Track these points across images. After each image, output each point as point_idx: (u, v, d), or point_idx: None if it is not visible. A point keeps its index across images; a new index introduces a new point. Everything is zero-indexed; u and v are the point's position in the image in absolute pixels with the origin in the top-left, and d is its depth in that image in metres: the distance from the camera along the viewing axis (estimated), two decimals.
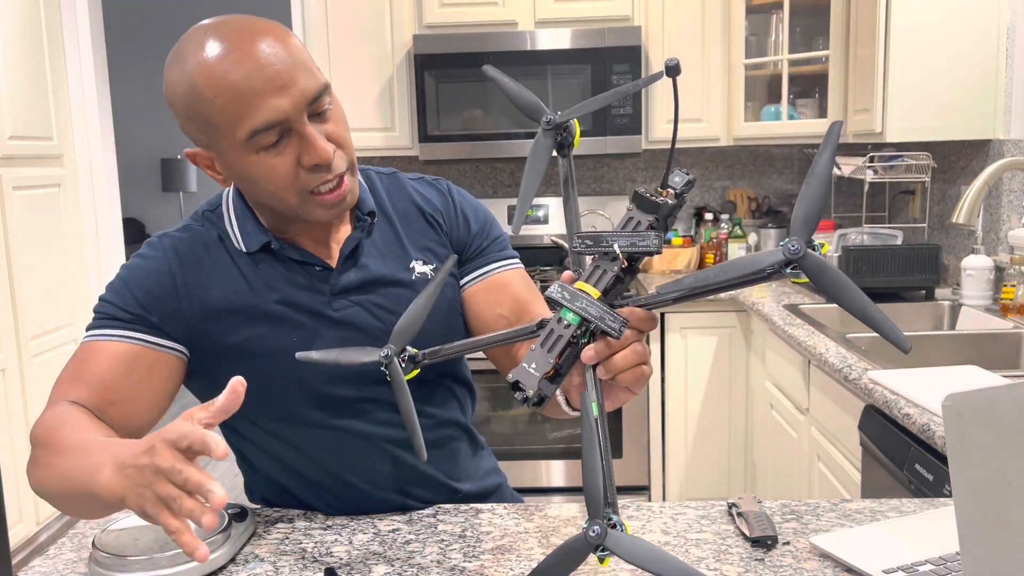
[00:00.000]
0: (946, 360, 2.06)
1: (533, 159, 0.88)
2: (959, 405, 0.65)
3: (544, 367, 0.82)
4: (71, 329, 3.35)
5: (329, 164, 1.01)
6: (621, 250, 0.83)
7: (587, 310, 0.82)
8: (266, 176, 1.01)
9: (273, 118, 0.96)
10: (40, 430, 0.99)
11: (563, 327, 0.83)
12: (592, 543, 0.74)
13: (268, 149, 0.99)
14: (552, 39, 3.09)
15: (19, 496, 2.97)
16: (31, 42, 3.16)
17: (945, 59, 2.50)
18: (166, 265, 1.10)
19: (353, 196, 1.07)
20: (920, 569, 0.89)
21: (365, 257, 1.13)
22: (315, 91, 0.99)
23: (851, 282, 0.75)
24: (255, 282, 1.10)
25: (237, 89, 0.95)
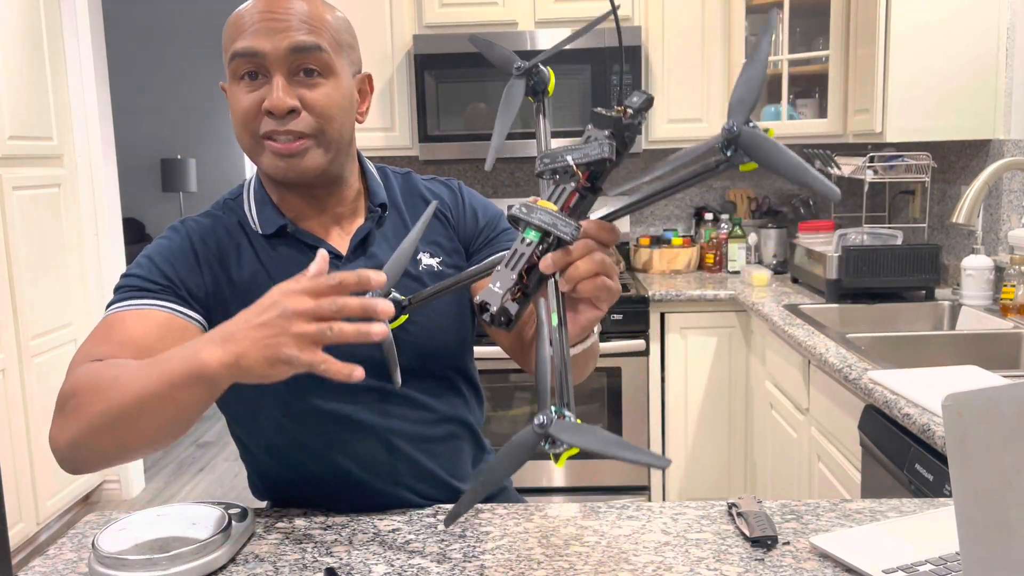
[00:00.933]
0: (946, 360, 2.06)
1: (505, 100, 0.92)
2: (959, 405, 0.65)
3: (507, 283, 0.82)
4: (71, 329, 3.35)
5: (282, 115, 1.05)
6: (574, 161, 0.84)
7: (541, 219, 0.82)
8: (235, 106, 1.08)
9: (250, 47, 1.04)
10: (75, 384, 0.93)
11: (525, 245, 0.83)
12: (538, 433, 0.73)
13: (244, 80, 1.06)
14: (552, 39, 3.09)
15: (19, 496, 2.97)
16: (31, 42, 3.16)
17: (945, 59, 2.50)
18: (188, 243, 1.13)
19: (310, 163, 1.09)
20: (920, 569, 0.89)
21: (375, 247, 1.17)
22: (300, 43, 1.04)
23: (786, 149, 0.75)
24: (270, 265, 1.13)
25: (240, 20, 1.07)
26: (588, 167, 0.84)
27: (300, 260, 1.13)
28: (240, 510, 1.06)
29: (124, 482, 3.66)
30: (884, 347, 2.11)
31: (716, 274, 3.36)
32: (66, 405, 0.94)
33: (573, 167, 0.84)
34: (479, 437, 1.28)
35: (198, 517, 1.01)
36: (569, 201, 0.84)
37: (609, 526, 1.07)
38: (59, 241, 3.28)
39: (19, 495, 2.97)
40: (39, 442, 3.09)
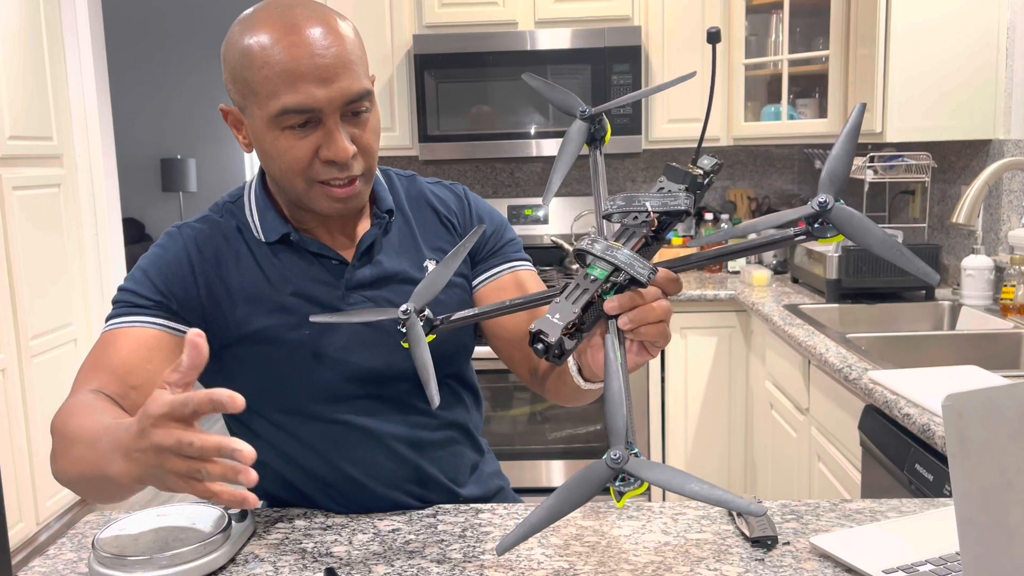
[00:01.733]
0: (946, 360, 2.06)
1: (566, 142, 0.93)
2: (959, 405, 0.65)
3: (568, 316, 0.81)
4: (71, 329, 3.35)
5: (346, 164, 1.04)
6: (652, 209, 0.84)
7: (616, 256, 0.82)
8: (283, 155, 1.04)
9: (305, 103, 1.00)
10: (57, 421, 0.99)
11: (588, 281, 0.83)
12: (612, 468, 0.72)
13: (293, 130, 1.03)
14: (552, 39, 3.09)
15: (19, 496, 2.97)
16: (31, 42, 3.16)
17: (945, 59, 2.50)
18: (184, 253, 1.12)
19: (360, 200, 1.09)
20: (920, 569, 0.89)
21: (380, 254, 1.16)
22: (355, 93, 1.03)
23: (876, 226, 0.77)
24: (272, 273, 1.12)
25: (284, 67, 1.00)
26: (663, 217, 0.85)
27: (303, 268, 1.13)
28: (240, 510, 1.06)
29: None
30: (884, 347, 2.11)
31: (716, 274, 3.36)
32: (53, 439, 0.99)
33: (650, 214, 0.84)
34: (477, 441, 1.28)
35: (198, 517, 1.01)
36: (636, 246, 0.84)
37: (609, 526, 1.07)
38: (59, 241, 3.28)
39: (19, 495, 2.97)
40: (39, 442, 3.09)
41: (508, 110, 3.12)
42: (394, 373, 1.14)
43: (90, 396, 1.01)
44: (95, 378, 1.04)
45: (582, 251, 0.84)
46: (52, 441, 1.00)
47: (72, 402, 1.01)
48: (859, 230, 0.77)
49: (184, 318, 1.09)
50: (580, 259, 0.85)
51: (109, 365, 1.05)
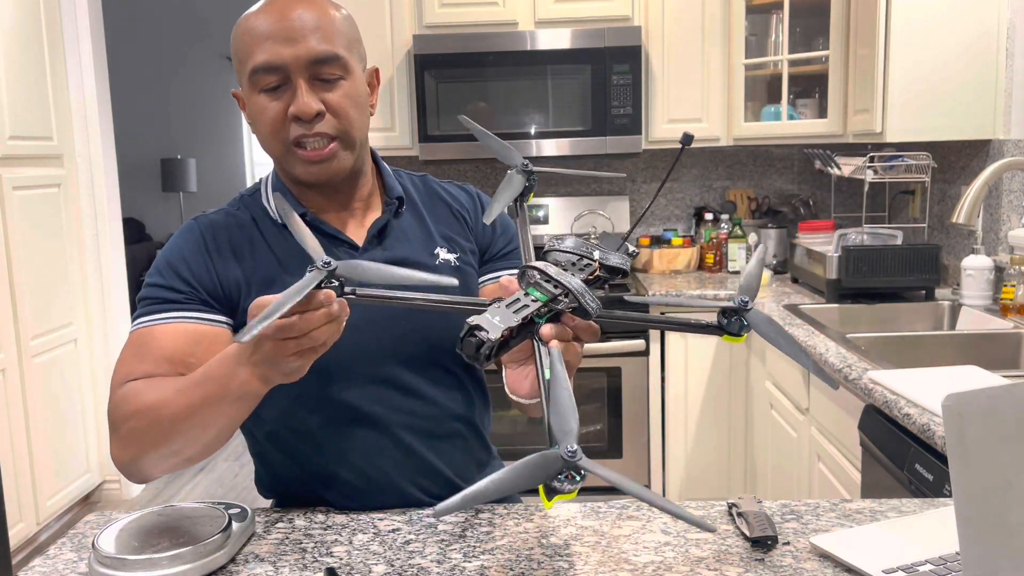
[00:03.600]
0: (946, 360, 2.06)
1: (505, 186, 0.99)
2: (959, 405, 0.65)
3: (508, 322, 0.84)
4: (71, 329, 3.35)
5: (309, 119, 1.08)
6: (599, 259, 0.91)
7: (573, 284, 0.86)
8: (260, 117, 1.10)
9: (271, 61, 1.07)
10: (123, 407, 1.03)
11: (530, 300, 0.86)
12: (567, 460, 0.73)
13: (268, 92, 1.09)
14: (552, 39, 3.09)
15: (19, 496, 2.97)
16: (31, 42, 3.16)
17: (945, 59, 2.50)
18: (200, 241, 1.16)
19: (339, 165, 1.13)
20: (920, 569, 0.89)
21: (391, 239, 1.19)
22: (320, 54, 1.07)
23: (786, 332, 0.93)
24: (284, 257, 1.15)
25: (255, 32, 1.08)
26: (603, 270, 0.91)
27: None
28: (240, 510, 1.06)
29: (124, 482, 3.66)
30: (884, 347, 2.11)
31: (716, 274, 3.36)
32: (121, 428, 1.04)
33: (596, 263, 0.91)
34: (486, 442, 1.29)
35: (198, 517, 1.01)
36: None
37: (609, 526, 1.07)
38: (59, 241, 3.28)
39: (19, 495, 2.97)
40: (39, 442, 3.09)
41: (508, 110, 3.12)
42: (402, 357, 1.15)
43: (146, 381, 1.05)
44: (140, 368, 1.07)
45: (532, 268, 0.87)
46: (118, 429, 1.04)
47: (132, 387, 1.04)
48: (772, 330, 0.91)
49: (212, 305, 1.13)
50: (521, 276, 0.88)
51: (153, 357, 1.07)
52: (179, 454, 1.02)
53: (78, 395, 3.40)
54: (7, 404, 2.92)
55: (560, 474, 0.73)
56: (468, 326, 0.83)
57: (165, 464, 1.03)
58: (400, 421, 1.16)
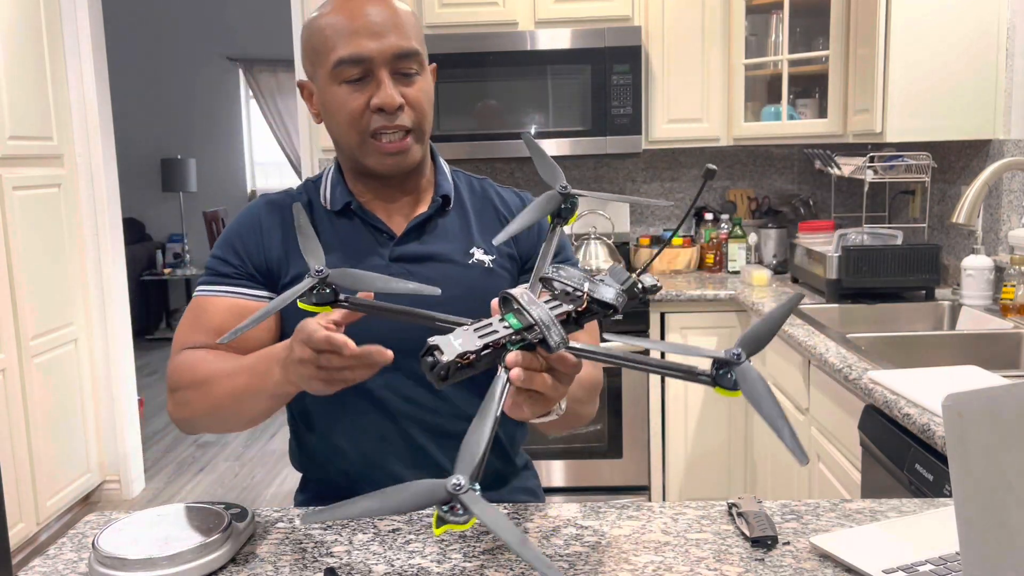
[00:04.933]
0: (946, 360, 2.06)
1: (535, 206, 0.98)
2: (959, 405, 0.65)
3: (468, 346, 0.83)
4: (71, 329, 3.35)
5: (393, 111, 1.14)
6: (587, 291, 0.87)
7: (541, 316, 0.84)
8: (340, 108, 1.16)
9: (357, 53, 1.13)
10: (180, 375, 1.15)
11: (503, 326, 0.85)
12: (449, 493, 0.73)
13: (349, 84, 1.15)
14: (552, 39, 3.09)
15: (19, 496, 2.97)
16: (31, 42, 3.16)
17: (945, 59, 2.50)
18: (257, 218, 1.24)
19: (412, 158, 1.19)
20: (920, 569, 0.89)
21: (429, 235, 1.24)
22: (404, 49, 1.14)
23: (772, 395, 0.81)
24: (328, 239, 1.21)
25: (340, 25, 1.14)
26: (592, 303, 0.87)
27: (357, 238, 1.22)
28: (240, 510, 1.06)
29: (124, 482, 3.66)
30: (884, 347, 2.11)
31: (716, 274, 3.36)
32: (176, 393, 1.16)
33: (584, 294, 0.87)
34: (506, 451, 1.29)
35: (198, 517, 1.02)
36: (559, 316, 0.87)
37: (609, 526, 1.07)
38: (59, 241, 3.28)
39: (19, 495, 2.97)
40: (39, 442, 3.09)
41: (508, 110, 3.12)
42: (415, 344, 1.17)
43: (202, 351, 1.17)
44: (195, 338, 1.19)
45: (508, 296, 0.86)
46: (175, 393, 1.16)
47: (186, 357, 1.16)
48: (755, 391, 0.82)
49: (260, 281, 1.20)
50: (504, 303, 0.87)
51: (205, 328, 1.18)
52: (223, 425, 1.15)
53: (78, 395, 3.40)
54: (7, 404, 2.92)
55: (445, 505, 0.73)
56: (428, 345, 0.84)
57: (211, 429, 1.17)
58: (407, 411, 1.19)
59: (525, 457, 1.37)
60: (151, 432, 4.55)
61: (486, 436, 0.78)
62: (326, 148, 3.26)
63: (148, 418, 4.75)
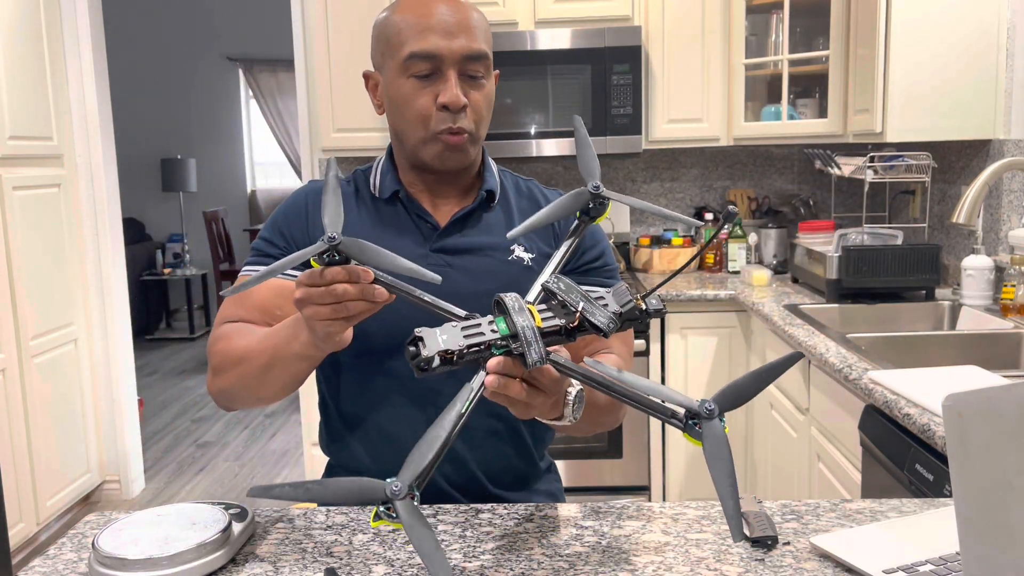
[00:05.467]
0: (946, 360, 2.06)
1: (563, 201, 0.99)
2: (959, 405, 0.65)
3: (451, 344, 0.84)
4: (71, 329, 3.35)
5: (457, 110, 1.17)
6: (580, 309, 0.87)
7: (524, 328, 0.85)
8: (407, 101, 1.19)
9: (429, 50, 1.16)
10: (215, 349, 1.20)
11: (490, 330, 0.86)
12: (387, 495, 0.76)
13: (418, 78, 1.18)
14: (552, 39, 3.09)
15: (19, 496, 2.97)
16: (31, 42, 3.16)
17: (945, 59, 2.50)
18: (304, 204, 1.28)
19: (467, 157, 1.22)
20: (920, 569, 0.89)
21: (472, 228, 1.26)
22: (473, 50, 1.17)
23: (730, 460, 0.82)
24: (370, 227, 1.25)
25: (415, 21, 1.17)
26: (584, 321, 0.88)
27: (400, 225, 1.25)
28: (240, 510, 1.06)
29: (124, 482, 3.66)
30: (884, 347, 2.11)
31: (716, 274, 3.36)
32: (213, 364, 1.21)
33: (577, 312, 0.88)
34: (530, 451, 1.30)
35: (198, 517, 1.01)
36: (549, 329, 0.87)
37: (609, 526, 1.07)
38: (59, 241, 3.28)
39: (19, 495, 2.97)
40: (39, 442, 3.09)
41: (509, 110, 3.12)
42: None
43: (240, 325, 1.21)
44: (238, 313, 1.23)
45: (500, 302, 0.87)
46: (213, 363, 1.20)
47: (227, 329, 1.21)
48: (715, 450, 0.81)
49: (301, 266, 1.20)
50: (497, 306, 0.88)
51: (247, 305, 1.23)
52: (255, 395, 1.16)
53: (78, 395, 3.40)
54: (7, 404, 2.92)
55: (382, 504, 0.76)
56: (414, 334, 0.85)
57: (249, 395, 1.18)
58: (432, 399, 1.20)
59: (549, 460, 1.37)
60: (151, 432, 4.55)
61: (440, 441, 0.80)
62: (326, 148, 3.26)
63: (148, 418, 4.75)
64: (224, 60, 7.16)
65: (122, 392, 3.60)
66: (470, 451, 1.23)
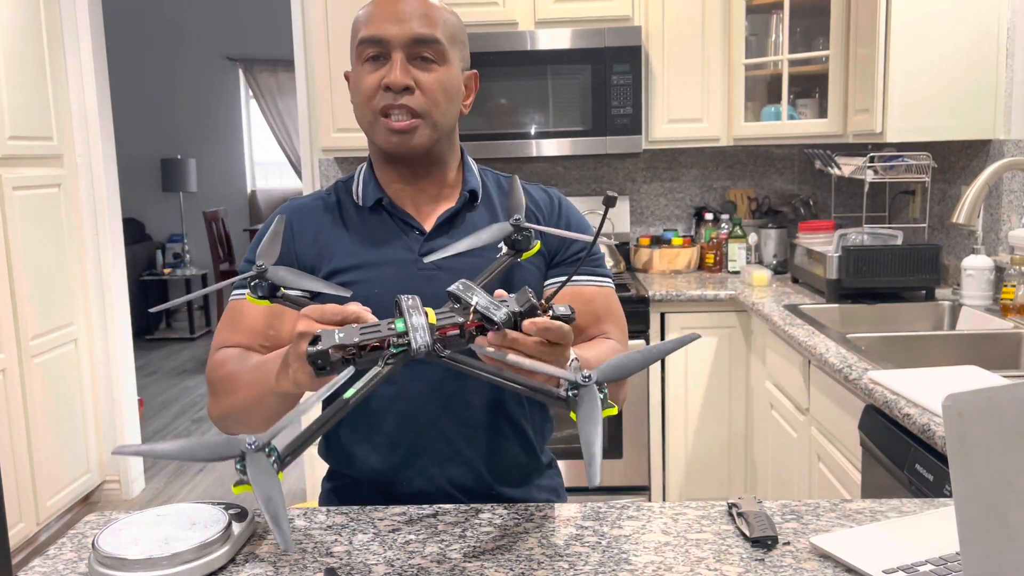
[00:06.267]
0: (946, 360, 2.06)
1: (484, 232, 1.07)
2: (959, 405, 0.65)
3: (346, 340, 0.87)
4: (71, 329, 3.35)
5: (399, 90, 1.18)
6: (476, 306, 0.91)
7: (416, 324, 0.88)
8: (358, 85, 1.21)
9: (376, 34, 1.18)
10: (214, 376, 1.21)
11: (388, 328, 0.88)
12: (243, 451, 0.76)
13: (367, 62, 1.20)
14: (552, 39, 3.09)
15: (19, 496, 2.97)
16: (31, 42, 3.16)
17: (945, 59, 2.50)
18: (289, 222, 1.27)
19: (418, 142, 1.21)
20: (920, 569, 0.89)
21: (458, 230, 1.27)
22: (420, 34, 1.18)
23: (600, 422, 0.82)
24: (358, 237, 1.26)
25: (373, 11, 1.21)
26: (481, 321, 0.91)
27: (387, 233, 1.25)
28: (240, 510, 1.06)
29: (124, 482, 3.66)
30: (884, 347, 2.11)
31: (716, 274, 3.36)
32: (212, 391, 1.22)
33: (472, 310, 0.91)
34: (532, 445, 1.31)
35: (198, 517, 1.02)
36: (447, 330, 0.90)
37: (609, 526, 1.07)
38: (59, 241, 3.28)
39: (19, 495, 2.97)
40: (39, 442, 3.09)
41: (509, 110, 3.12)
42: None
43: (233, 350, 1.22)
44: (232, 337, 1.24)
45: (398, 304, 0.91)
46: (210, 390, 1.22)
47: (222, 355, 1.22)
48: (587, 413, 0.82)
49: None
50: (396, 305, 0.91)
51: (241, 328, 1.24)
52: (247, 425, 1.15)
53: (78, 395, 3.40)
54: (7, 404, 2.92)
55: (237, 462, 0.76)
56: (315, 333, 0.88)
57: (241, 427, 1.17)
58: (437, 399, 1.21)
59: (550, 455, 1.38)
60: (151, 432, 4.55)
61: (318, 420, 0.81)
62: (326, 148, 3.26)
63: (148, 418, 4.75)
64: (224, 60, 7.16)
65: (122, 392, 3.60)
66: (477, 451, 1.24)
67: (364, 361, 0.88)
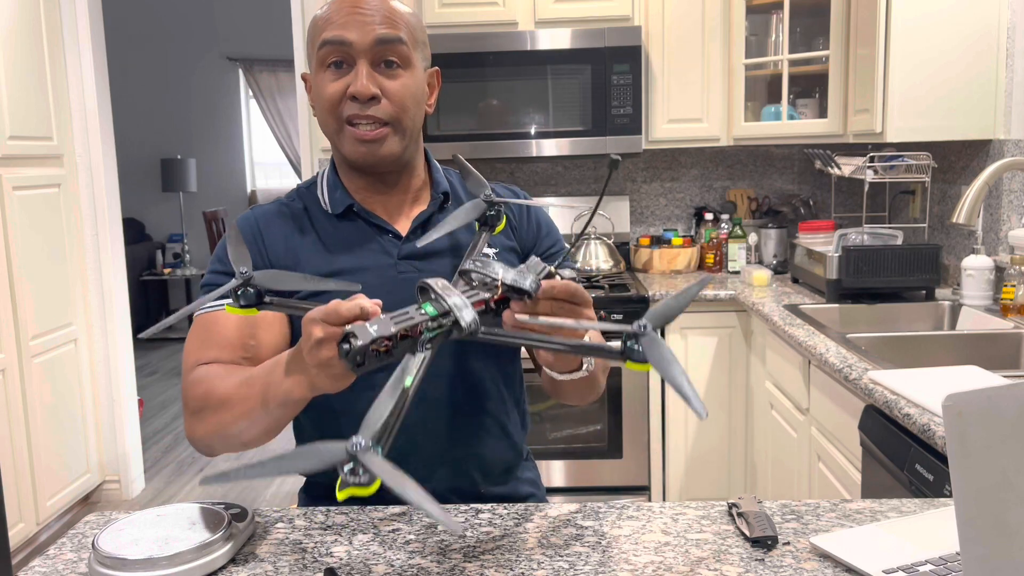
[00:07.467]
0: (946, 360, 2.06)
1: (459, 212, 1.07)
2: (959, 405, 0.65)
3: (383, 332, 0.84)
4: (71, 329, 3.35)
5: (365, 100, 1.14)
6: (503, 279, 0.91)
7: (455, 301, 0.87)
8: (321, 92, 1.17)
9: (338, 36, 1.14)
10: (194, 394, 1.12)
11: (419, 313, 0.87)
12: (349, 452, 0.72)
13: (330, 68, 1.16)
14: (552, 39, 3.09)
15: (19, 496, 2.97)
16: (31, 42, 3.16)
17: (945, 59, 2.50)
18: (255, 229, 1.24)
19: (388, 150, 1.18)
20: (920, 569, 0.89)
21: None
22: (384, 35, 1.15)
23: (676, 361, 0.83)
24: (331, 243, 1.22)
25: (327, 16, 1.17)
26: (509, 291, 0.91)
27: (361, 240, 1.23)
28: (240, 510, 1.06)
29: (124, 482, 3.66)
30: (884, 347, 2.11)
31: (716, 274, 3.36)
32: (193, 410, 1.13)
33: (499, 283, 0.91)
34: (516, 444, 1.31)
35: (198, 517, 1.02)
36: (476, 306, 0.90)
37: (609, 526, 1.07)
38: (59, 241, 3.28)
39: (19, 495, 2.97)
40: (39, 442, 3.09)
41: (509, 110, 3.12)
42: None
43: (216, 367, 1.14)
44: (207, 354, 1.16)
45: (425, 285, 0.89)
46: (192, 413, 1.13)
47: (201, 372, 1.13)
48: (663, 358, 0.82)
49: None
50: (422, 292, 0.90)
51: (218, 342, 1.16)
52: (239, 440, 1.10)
53: (78, 395, 3.40)
54: (7, 404, 2.92)
55: (344, 465, 0.73)
56: (345, 332, 0.85)
57: (231, 444, 1.12)
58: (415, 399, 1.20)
59: (526, 447, 1.39)
60: (151, 432, 4.55)
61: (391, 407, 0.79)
62: (326, 148, 3.26)
63: (148, 418, 4.75)
64: (224, 60, 7.15)
65: (122, 392, 3.60)
66: (465, 452, 1.24)
67: (400, 351, 0.86)
